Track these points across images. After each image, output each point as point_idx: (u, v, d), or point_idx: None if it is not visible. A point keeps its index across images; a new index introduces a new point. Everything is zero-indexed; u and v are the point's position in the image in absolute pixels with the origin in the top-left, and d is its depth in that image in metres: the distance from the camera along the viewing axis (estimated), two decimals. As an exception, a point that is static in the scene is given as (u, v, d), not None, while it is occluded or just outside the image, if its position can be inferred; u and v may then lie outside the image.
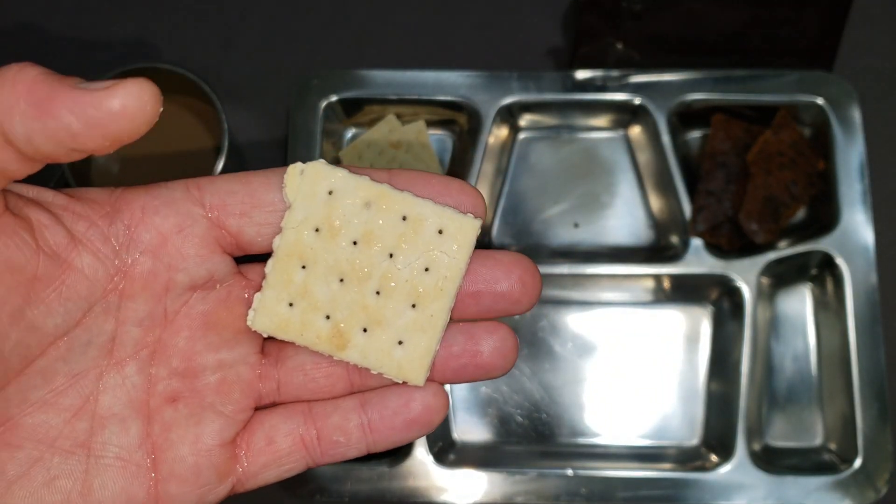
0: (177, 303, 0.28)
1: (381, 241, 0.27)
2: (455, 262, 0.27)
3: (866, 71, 0.61)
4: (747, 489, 0.53)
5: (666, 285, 0.58)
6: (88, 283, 0.26)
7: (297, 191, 0.27)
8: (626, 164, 0.61)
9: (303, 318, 0.28)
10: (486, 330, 0.28)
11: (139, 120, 0.24)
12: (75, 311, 0.26)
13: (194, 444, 0.28)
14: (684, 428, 0.57)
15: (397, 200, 0.27)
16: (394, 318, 0.27)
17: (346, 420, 0.29)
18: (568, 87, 0.58)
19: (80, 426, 0.27)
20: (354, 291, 0.27)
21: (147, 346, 0.28)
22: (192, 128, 0.56)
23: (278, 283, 0.28)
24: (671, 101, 0.58)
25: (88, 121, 0.23)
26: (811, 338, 0.58)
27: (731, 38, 0.58)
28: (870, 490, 0.52)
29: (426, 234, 0.27)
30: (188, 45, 0.62)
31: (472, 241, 0.27)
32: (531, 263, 0.28)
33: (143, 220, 0.27)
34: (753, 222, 0.55)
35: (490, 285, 0.28)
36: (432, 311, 0.27)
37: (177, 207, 0.27)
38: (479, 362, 0.28)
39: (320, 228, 0.27)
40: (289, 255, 0.27)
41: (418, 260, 0.27)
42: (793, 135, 0.57)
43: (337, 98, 0.58)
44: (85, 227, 0.26)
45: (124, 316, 0.27)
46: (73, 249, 0.26)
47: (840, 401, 0.55)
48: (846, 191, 0.56)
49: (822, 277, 0.57)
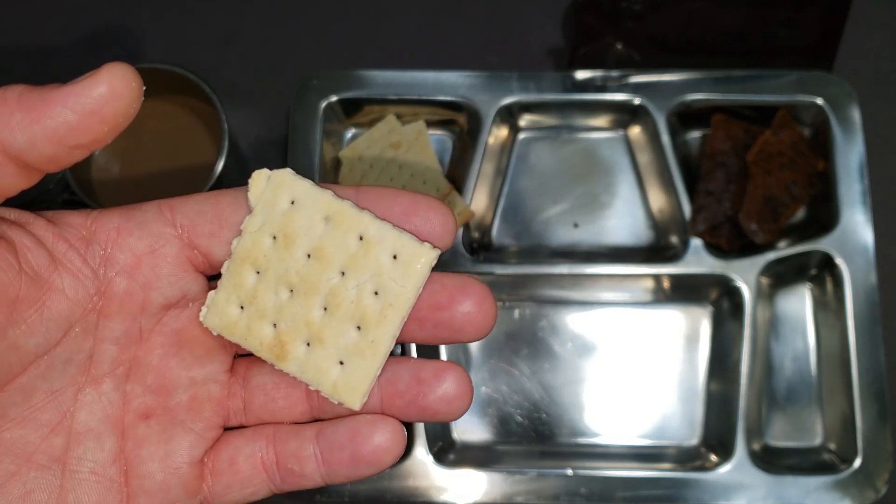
0: (151, 321, 0.28)
1: (334, 257, 0.27)
2: (403, 291, 0.26)
3: (866, 71, 0.61)
4: (747, 489, 0.53)
5: (666, 285, 0.58)
6: (69, 304, 0.27)
7: (260, 196, 0.27)
8: (625, 164, 0.61)
9: (249, 323, 0.28)
10: (435, 371, 0.27)
11: (129, 97, 0.25)
12: (56, 330, 0.27)
13: (164, 460, 0.28)
14: (684, 428, 0.57)
15: (356, 219, 0.27)
16: (336, 338, 0.27)
17: (302, 448, 0.28)
18: (568, 87, 0.58)
19: (56, 441, 0.27)
20: (301, 305, 0.27)
21: (123, 363, 0.28)
22: (193, 128, 0.56)
23: (231, 284, 0.28)
24: (671, 101, 0.58)
25: (83, 109, 0.24)
26: (811, 338, 0.58)
27: (730, 38, 0.58)
28: (869, 490, 0.52)
29: (379, 258, 0.27)
30: (188, 45, 0.62)
31: (424, 273, 0.26)
32: (482, 289, 0.26)
33: (118, 241, 0.28)
34: (753, 222, 0.55)
35: (433, 312, 0.27)
36: (374, 336, 0.27)
37: (149, 229, 0.28)
38: (423, 405, 0.27)
39: (277, 237, 0.27)
40: (243, 258, 0.28)
41: (368, 283, 0.27)
42: (792, 135, 0.57)
43: (337, 98, 0.58)
44: (65, 248, 0.27)
45: (102, 334, 0.28)
46: (55, 271, 0.26)
47: (840, 401, 0.55)
48: (846, 191, 0.56)
49: (822, 277, 0.57)
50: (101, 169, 0.56)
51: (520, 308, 0.59)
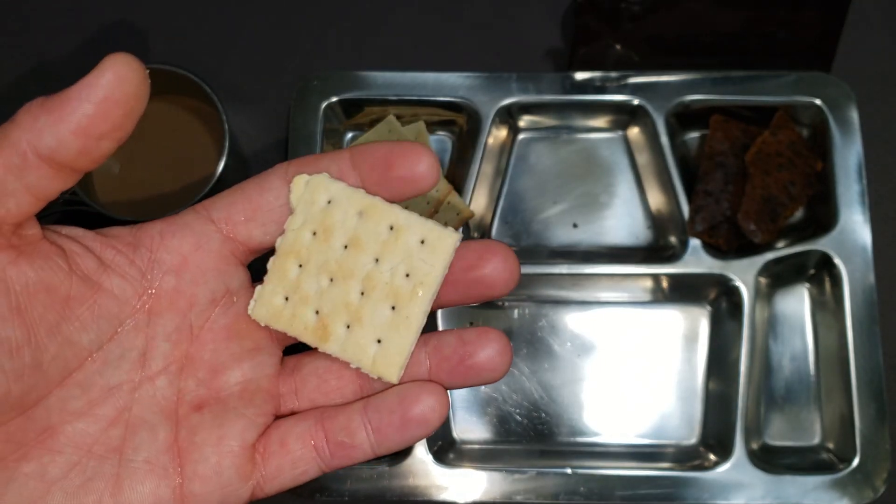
0: (201, 318, 0.31)
1: (367, 246, 0.30)
2: (432, 270, 0.29)
3: (864, 72, 0.61)
4: (745, 488, 0.53)
5: (664, 285, 0.58)
6: (118, 302, 0.29)
7: (300, 198, 0.30)
8: (624, 164, 0.61)
9: (294, 311, 0.30)
10: (478, 334, 0.30)
11: (135, 80, 0.27)
12: (107, 327, 0.29)
13: (217, 444, 0.30)
14: (683, 427, 0.57)
15: (387, 211, 0.30)
16: (373, 317, 0.30)
17: (351, 420, 0.30)
18: (567, 88, 0.59)
19: (114, 433, 0.29)
20: (340, 290, 0.30)
21: (176, 359, 0.30)
22: (194, 129, 0.56)
23: (276, 277, 0.30)
24: (670, 101, 0.58)
25: (97, 98, 0.26)
26: (809, 337, 0.58)
27: (729, 39, 0.58)
28: (867, 489, 0.53)
29: (408, 243, 0.29)
30: (189, 45, 0.63)
31: (449, 253, 0.29)
32: (504, 248, 0.29)
33: (162, 243, 0.30)
34: (752, 222, 0.56)
35: (465, 273, 0.30)
36: (408, 313, 0.29)
37: (192, 228, 0.30)
38: (469, 364, 0.30)
39: (316, 232, 0.30)
40: (287, 253, 0.30)
41: (400, 266, 0.29)
42: (791, 135, 0.57)
43: (337, 99, 0.58)
44: (112, 254, 0.29)
45: (153, 332, 0.30)
46: (103, 273, 0.29)
47: (838, 400, 0.55)
48: (844, 191, 0.56)
49: (821, 277, 0.57)
50: (102, 169, 0.56)
51: (519, 308, 0.59)
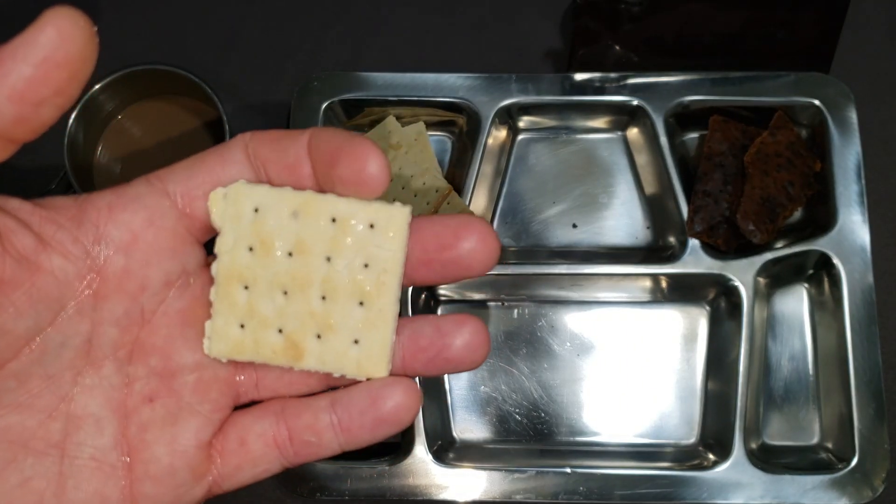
0: (153, 301, 0.28)
1: (314, 247, 0.27)
2: (392, 254, 0.27)
3: (863, 72, 0.61)
4: (744, 487, 0.53)
5: (664, 285, 0.58)
6: (59, 284, 0.26)
7: (224, 215, 0.27)
8: (624, 165, 0.61)
9: (255, 337, 0.28)
10: (456, 322, 0.28)
11: (80, 38, 0.24)
12: (46, 312, 0.26)
13: (170, 444, 0.28)
14: (682, 426, 0.57)
15: (322, 203, 0.27)
16: (344, 320, 0.27)
17: (317, 419, 0.28)
18: (566, 88, 0.59)
19: (54, 427, 0.27)
20: (299, 301, 0.27)
21: (125, 345, 0.27)
22: (194, 129, 0.57)
23: (224, 307, 0.28)
24: (669, 102, 0.58)
25: (35, 59, 0.23)
26: (808, 337, 0.58)
27: (728, 40, 0.58)
28: (866, 489, 0.53)
29: (357, 232, 0.27)
30: (190, 46, 0.63)
31: (404, 230, 0.27)
32: (482, 224, 0.27)
33: (111, 217, 0.27)
34: (750, 223, 0.56)
35: (439, 252, 0.27)
36: (380, 305, 0.27)
37: (144, 202, 0.27)
38: (447, 356, 0.28)
39: (253, 247, 0.27)
40: (228, 278, 0.28)
41: (356, 258, 0.27)
42: (790, 136, 0.57)
43: (337, 99, 0.58)
44: (53, 229, 0.26)
45: (100, 316, 0.27)
46: (42, 252, 0.26)
47: (837, 400, 0.55)
48: (843, 191, 0.57)
49: (819, 277, 0.58)
50: (102, 169, 0.56)
51: (519, 308, 0.59)
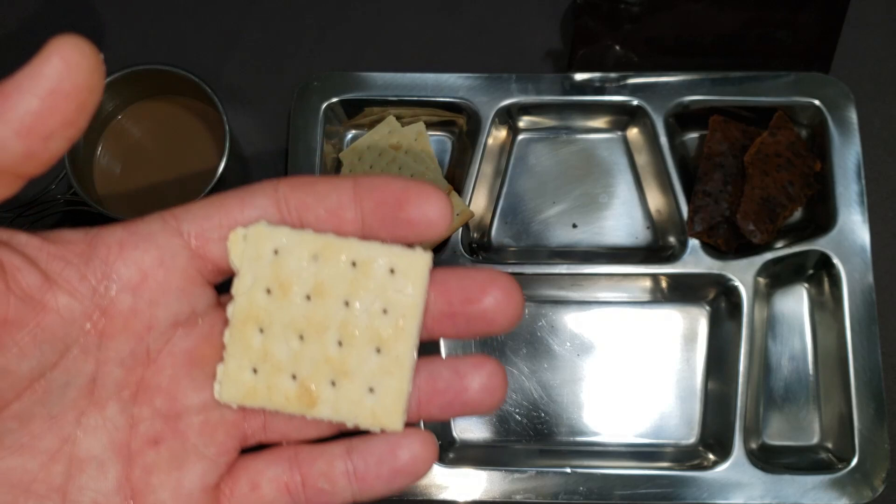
0: (160, 341, 0.27)
1: (333, 290, 0.26)
2: (411, 300, 0.26)
3: (863, 72, 0.62)
4: (744, 487, 0.53)
5: (664, 285, 0.58)
6: (64, 324, 0.25)
7: (243, 256, 0.27)
8: (624, 165, 0.61)
9: (268, 383, 0.27)
10: (473, 364, 0.27)
11: (87, 67, 0.23)
12: (51, 353, 0.25)
13: (176, 489, 0.27)
14: (682, 426, 0.57)
15: (343, 247, 0.26)
16: (359, 366, 0.27)
17: (332, 467, 0.27)
18: (566, 88, 0.59)
19: (56, 470, 0.26)
20: (315, 346, 0.27)
21: (129, 385, 0.27)
22: (194, 129, 0.57)
23: (238, 351, 0.27)
24: (669, 102, 0.58)
25: (42, 91, 0.22)
26: (808, 337, 0.58)
27: (728, 40, 0.58)
28: (866, 489, 0.53)
29: (377, 276, 0.26)
30: (190, 46, 0.63)
31: (424, 276, 0.26)
32: (509, 281, 0.26)
33: (121, 255, 0.26)
34: (750, 223, 0.56)
35: (465, 306, 0.26)
36: (397, 352, 0.26)
37: (156, 240, 0.26)
38: (465, 399, 0.27)
39: (271, 289, 0.27)
40: (244, 321, 0.27)
41: (374, 303, 0.26)
42: (790, 136, 0.57)
43: (337, 100, 0.58)
44: (60, 266, 0.25)
45: (105, 356, 0.26)
46: (48, 290, 0.25)
47: (837, 400, 0.55)
48: (843, 191, 0.57)
49: (819, 277, 0.58)
50: (102, 169, 0.56)
51: (519, 308, 0.59)
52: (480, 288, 0.26)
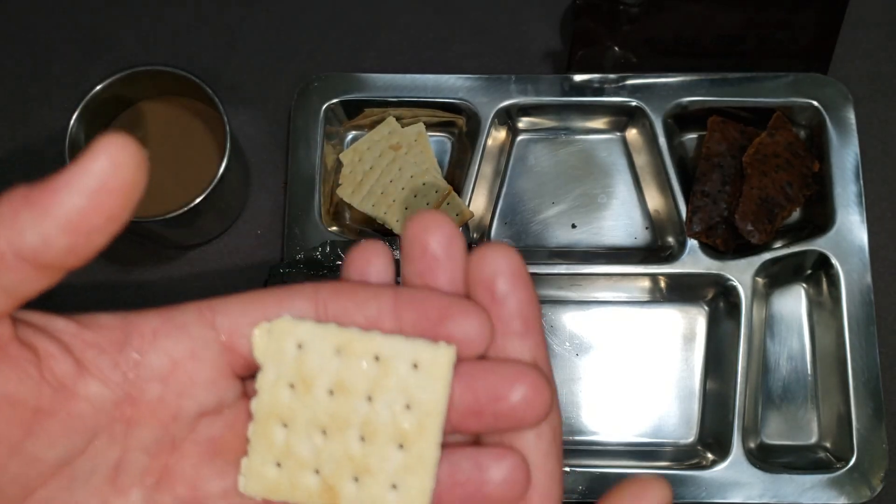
0: (185, 430, 0.27)
1: (356, 386, 0.26)
2: (434, 396, 0.26)
3: (861, 73, 0.62)
4: (743, 487, 0.53)
5: (662, 285, 0.58)
6: (94, 412, 0.25)
7: (266, 351, 0.27)
8: (623, 165, 0.61)
9: (291, 478, 0.27)
10: (495, 457, 0.26)
11: (132, 164, 0.24)
12: (80, 441, 0.25)
13: None
14: (681, 426, 0.57)
15: (367, 342, 0.26)
16: (382, 463, 0.26)
17: None
18: (565, 89, 0.59)
19: None
20: (338, 442, 0.27)
21: (153, 473, 0.27)
22: (195, 130, 0.57)
23: (261, 446, 0.27)
24: (667, 103, 0.58)
25: (89, 189, 0.23)
26: (806, 337, 0.58)
27: (727, 40, 0.59)
28: (864, 488, 0.53)
29: (400, 372, 0.26)
30: (191, 47, 0.63)
31: (448, 372, 0.26)
32: (538, 376, 0.26)
33: (154, 343, 0.26)
34: (749, 223, 0.56)
35: (491, 403, 0.26)
36: (419, 450, 0.26)
37: (189, 331, 0.26)
38: (486, 492, 0.26)
39: (294, 384, 0.27)
40: (267, 416, 0.27)
41: (397, 400, 0.26)
42: (788, 136, 0.58)
43: (338, 100, 0.59)
44: (94, 354, 0.25)
45: (130, 443, 0.26)
46: (80, 378, 0.25)
47: (835, 399, 0.56)
48: (841, 192, 0.57)
49: (818, 277, 0.58)
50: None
51: (518, 308, 0.59)
52: (508, 383, 0.26)
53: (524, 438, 0.27)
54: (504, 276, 0.27)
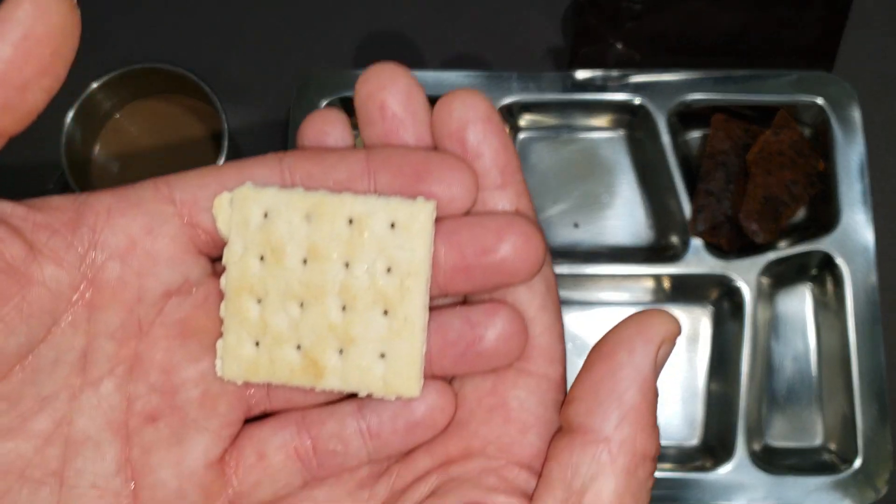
0: (151, 312, 0.25)
1: (331, 252, 0.25)
2: (416, 255, 0.24)
3: (866, 71, 0.61)
4: (747, 489, 0.53)
5: (666, 285, 0.58)
6: (52, 296, 0.24)
7: (230, 221, 0.25)
8: (625, 164, 0.61)
9: (271, 356, 0.26)
10: (487, 312, 0.25)
11: (59, 9, 0.22)
12: (38, 327, 0.24)
13: (177, 466, 0.25)
14: (684, 428, 0.57)
15: (337, 204, 0.25)
16: (367, 331, 0.25)
17: (343, 426, 0.26)
18: (568, 87, 0.58)
19: (51, 453, 0.25)
20: (317, 313, 0.25)
21: (123, 360, 0.25)
22: (192, 128, 0.56)
23: (236, 324, 0.26)
24: (671, 101, 0.58)
25: (14, 37, 0.22)
26: (811, 338, 0.58)
27: (731, 38, 0.58)
28: (869, 490, 0.52)
29: (377, 232, 0.25)
30: (188, 45, 0.63)
31: (429, 228, 0.24)
32: (527, 224, 0.24)
33: (108, 221, 0.25)
34: (753, 222, 0.55)
35: (479, 257, 0.24)
36: (405, 313, 0.25)
37: (145, 207, 0.25)
38: (480, 350, 0.25)
39: (264, 255, 0.25)
40: (238, 291, 0.25)
41: (376, 263, 0.25)
42: (793, 135, 0.57)
43: (336, 98, 0.58)
44: (46, 236, 0.24)
45: (95, 329, 0.25)
46: (33, 261, 0.24)
47: (840, 401, 0.55)
48: (846, 191, 0.56)
49: (822, 277, 0.57)
50: (100, 169, 0.56)
51: (520, 308, 0.59)
52: (496, 235, 0.24)
53: (516, 294, 0.25)
54: (474, 124, 0.25)
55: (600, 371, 0.25)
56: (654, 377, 0.25)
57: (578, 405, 0.25)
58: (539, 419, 0.26)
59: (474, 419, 0.26)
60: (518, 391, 0.26)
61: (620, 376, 0.24)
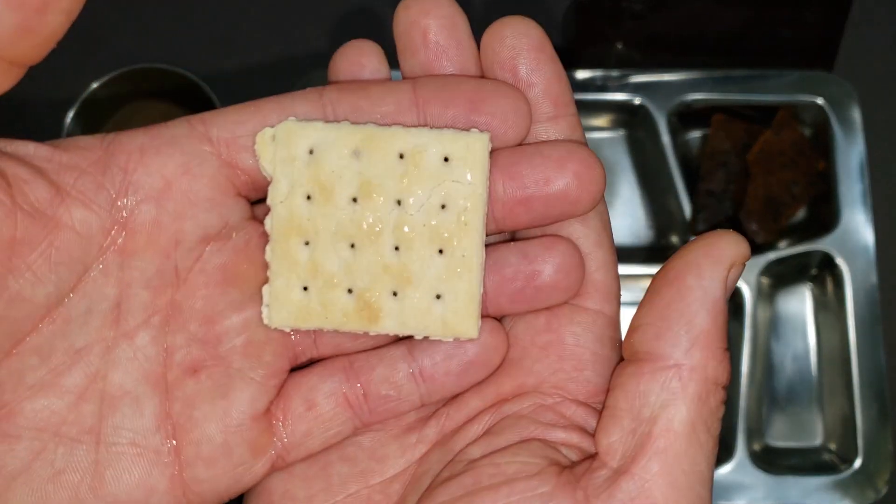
0: (189, 258, 0.24)
1: (382, 189, 0.24)
2: (472, 188, 0.23)
3: (866, 71, 0.61)
4: (747, 489, 0.53)
5: (666, 285, 0.58)
6: (81, 242, 0.23)
7: (274, 160, 0.24)
8: (626, 164, 0.61)
9: (322, 300, 0.24)
10: (544, 246, 0.24)
11: None
12: (68, 275, 0.23)
13: (222, 419, 0.24)
14: (684, 428, 0.57)
15: (388, 138, 0.23)
16: (422, 271, 0.24)
17: (394, 370, 0.24)
18: (568, 87, 0.58)
19: (86, 409, 0.23)
20: (370, 253, 0.24)
21: (159, 310, 0.24)
22: (193, 128, 0.56)
23: (283, 268, 0.24)
24: (671, 101, 0.58)
25: None
26: (811, 338, 0.58)
27: (731, 38, 0.58)
28: (870, 490, 0.52)
29: (430, 167, 0.23)
30: (187, 44, 0.63)
31: (484, 160, 0.23)
32: (588, 153, 0.23)
33: (141, 161, 0.23)
34: (754, 222, 0.55)
35: (540, 187, 0.23)
36: (463, 250, 0.23)
37: (180, 146, 0.23)
38: (538, 285, 0.24)
39: (311, 194, 0.24)
40: (285, 233, 0.24)
41: (430, 198, 0.23)
42: (793, 135, 0.57)
43: (337, 98, 0.58)
44: (73, 177, 0.23)
45: (129, 277, 0.23)
46: (61, 204, 0.22)
47: (840, 401, 0.55)
48: (846, 191, 0.56)
49: (823, 277, 0.57)
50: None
51: (520, 308, 0.59)
52: (557, 165, 0.23)
53: (571, 229, 0.24)
54: (525, 53, 0.24)
55: (667, 295, 0.23)
56: (725, 300, 0.23)
57: (645, 331, 0.23)
58: (596, 356, 0.25)
59: (528, 357, 0.25)
60: (574, 327, 0.24)
61: (690, 300, 0.23)
